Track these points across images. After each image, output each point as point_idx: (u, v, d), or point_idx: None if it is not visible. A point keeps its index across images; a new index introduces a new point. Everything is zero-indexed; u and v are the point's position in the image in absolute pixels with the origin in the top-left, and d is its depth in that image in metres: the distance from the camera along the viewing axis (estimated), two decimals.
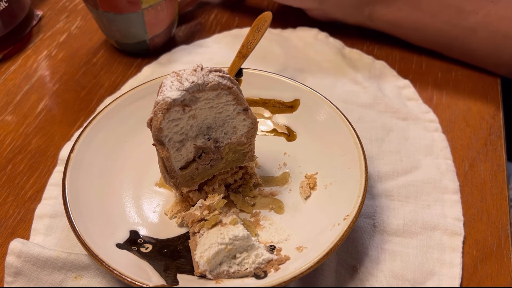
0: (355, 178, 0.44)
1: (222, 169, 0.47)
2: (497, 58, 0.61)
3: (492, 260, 0.45)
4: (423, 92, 0.62)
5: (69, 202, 0.43)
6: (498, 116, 0.59)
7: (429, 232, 0.47)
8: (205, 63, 0.58)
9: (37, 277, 0.41)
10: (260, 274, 0.41)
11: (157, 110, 0.39)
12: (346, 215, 0.42)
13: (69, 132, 0.57)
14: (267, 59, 0.66)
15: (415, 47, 0.67)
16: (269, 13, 0.59)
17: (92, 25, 0.73)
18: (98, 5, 0.59)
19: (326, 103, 0.51)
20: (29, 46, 0.70)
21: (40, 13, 0.75)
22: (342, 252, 0.45)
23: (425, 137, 0.56)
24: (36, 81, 0.64)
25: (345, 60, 0.65)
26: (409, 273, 0.44)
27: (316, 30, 0.70)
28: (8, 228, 0.48)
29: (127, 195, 0.48)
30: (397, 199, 0.50)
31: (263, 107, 0.56)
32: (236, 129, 0.44)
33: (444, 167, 0.53)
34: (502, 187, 0.51)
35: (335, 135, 0.49)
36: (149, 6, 0.60)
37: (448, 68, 0.65)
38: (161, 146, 0.41)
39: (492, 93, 0.62)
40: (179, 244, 0.45)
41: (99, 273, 0.43)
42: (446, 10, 0.60)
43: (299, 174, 0.50)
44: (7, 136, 0.57)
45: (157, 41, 0.66)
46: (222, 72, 0.40)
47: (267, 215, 0.47)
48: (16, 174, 0.53)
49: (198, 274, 0.41)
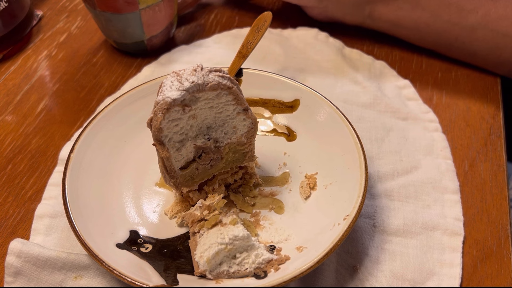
0: (355, 178, 0.44)
1: (222, 169, 0.47)
2: (496, 57, 0.61)
3: (492, 260, 0.45)
4: (423, 92, 0.62)
5: (69, 202, 0.43)
6: (498, 116, 0.59)
7: (429, 232, 0.47)
8: (205, 63, 0.58)
9: (37, 277, 0.41)
10: (260, 274, 0.41)
11: (157, 110, 0.39)
12: (346, 215, 0.42)
13: (69, 132, 0.57)
14: (267, 59, 0.66)
15: (415, 47, 0.67)
16: (269, 13, 0.59)
17: (92, 25, 0.73)
18: (96, 4, 0.59)
19: (326, 103, 0.51)
20: (29, 46, 0.70)
21: (40, 13, 0.75)
22: (342, 252, 0.45)
23: (425, 137, 0.56)
24: (36, 81, 0.64)
25: (345, 60, 0.65)
26: (409, 273, 0.44)
27: (316, 30, 0.70)
28: (8, 228, 0.48)
29: (127, 195, 0.48)
30: (397, 199, 0.50)
31: (263, 107, 0.56)
32: (236, 129, 0.44)
33: (444, 167, 0.53)
34: (502, 187, 0.51)
35: (335, 135, 0.49)
36: (146, 6, 0.60)
37: (448, 68, 0.65)
38: (161, 146, 0.41)
39: (492, 93, 0.62)
40: (179, 244, 0.45)
41: (99, 273, 0.43)
42: (446, 9, 0.60)
43: (299, 174, 0.50)
44: (7, 136, 0.57)
45: (155, 42, 0.66)
46: (222, 72, 0.40)
47: (267, 215, 0.47)
48: (16, 174, 0.53)
49: (198, 274, 0.41)
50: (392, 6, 0.63)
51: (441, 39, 0.63)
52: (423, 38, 0.65)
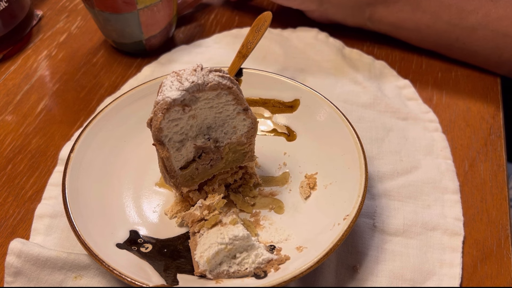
0: (355, 178, 0.44)
1: (222, 169, 0.47)
2: (497, 57, 0.61)
3: (492, 260, 0.45)
4: (423, 92, 0.62)
5: (69, 202, 0.43)
6: (498, 116, 0.59)
7: (429, 232, 0.47)
8: (205, 63, 0.58)
9: (37, 277, 0.41)
10: (260, 274, 0.41)
11: (157, 110, 0.39)
12: (346, 215, 0.42)
13: (69, 132, 0.57)
14: (267, 59, 0.66)
15: (415, 47, 0.67)
16: (269, 13, 0.59)
17: (92, 25, 0.73)
18: (94, 4, 0.60)
19: (326, 103, 0.51)
20: (29, 46, 0.70)
21: (40, 13, 0.75)
22: (342, 252, 0.45)
23: (425, 137, 0.56)
24: (36, 81, 0.64)
25: (345, 60, 0.65)
26: (409, 273, 0.44)
27: (316, 30, 0.70)
28: (8, 228, 0.48)
29: (127, 195, 0.48)
30: (397, 199, 0.50)
31: (263, 107, 0.56)
32: (236, 129, 0.44)
33: (444, 167, 0.53)
34: (502, 187, 0.51)
35: (335, 135, 0.49)
36: (144, 6, 0.60)
37: (448, 68, 0.65)
38: (161, 146, 0.41)
39: (492, 93, 0.62)
40: (179, 244, 0.45)
41: (99, 273, 0.43)
42: (446, 11, 0.60)
43: (299, 174, 0.50)
44: (7, 136, 0.57)
45: (153, 42, 0.66)
46: (222, 72, 0.40)
47: (267, 215, 0.47)
48: (16, 174, 0.53)
49: (198, 274, 0.41)
50: (393, 8, 0.63)
51: (442, 40, 0.63)
52: (424, 39, 0.65)
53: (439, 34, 0.63)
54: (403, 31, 0.65)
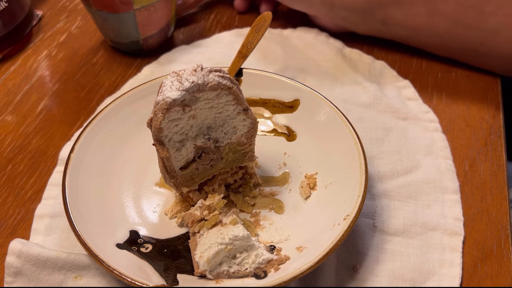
0: (355, 178, 0.44)
1: (222, 169, 0.47)
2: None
3: (492, 260, 0.45)
4: (423, 92, 0.62)
5: (69, 202, 0.43)
6: (498, 116, 0.59)
7: (429, 232, 0.47)
8: (205, 63, 0.58)
9: (37, 277, 0.41)
10: (260, 274, 0.41)
11: (157, 110, 0.39)
12: (346, 215, 0.42)
13: (69, 132, 0.57)
14: (267, 59, 0.66)
15: (415, 47, 0.67)
16: (269, 13, 0.59)
17: (92, 25, 0.73)
18: (91, 3, 0.60)
19: (326, 103, 0.51)
20: (29, 46, 0.70)
21: (40, 13, 0.75)
22: (342, 252, 0.45)
23: (425, 137, 0.56)
24: (36, 81, 0.64)
25: (345, 60, 0.65)
26: (409, 273, 0.44)
27: (316, 30, 0.70)
28: (8, 228, 0.48)
29: (127, 195, 0.48)
30: (397, 199, 0.50)
31: (263, 107, 0.56)
32: (236, 129, 0.44)
33: (444, 167, 0.53)
34: (502, 187, 0.51)
35: (335, 135, 0.49)
36: (141, 7, 0.60)
37: (448, 68, 0.65)
38: (161, 146, 0.41)
39: (492, 93, 0.62)
40: (179, 244, 0.45)
41: (99, 273, 0.43)
42: (465, 13, 0.58)
43: (299, 174, 0.50)
44: (7, 136, 0.57)
45: (151, 42, 0.65)
46: (222, 72, 0.40)
47: (267, 215, 0.47)
48: (16, 174, 0.53)
49: (198, 274, 0.41)
50: (409, 12, 0.60)
51: (465, 45, 0.61)
52: (445, 46, 0.63)
53: (461, 40, 0.60)
54: (422, 37, 0.63)
